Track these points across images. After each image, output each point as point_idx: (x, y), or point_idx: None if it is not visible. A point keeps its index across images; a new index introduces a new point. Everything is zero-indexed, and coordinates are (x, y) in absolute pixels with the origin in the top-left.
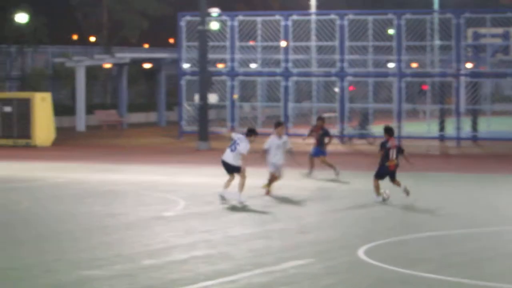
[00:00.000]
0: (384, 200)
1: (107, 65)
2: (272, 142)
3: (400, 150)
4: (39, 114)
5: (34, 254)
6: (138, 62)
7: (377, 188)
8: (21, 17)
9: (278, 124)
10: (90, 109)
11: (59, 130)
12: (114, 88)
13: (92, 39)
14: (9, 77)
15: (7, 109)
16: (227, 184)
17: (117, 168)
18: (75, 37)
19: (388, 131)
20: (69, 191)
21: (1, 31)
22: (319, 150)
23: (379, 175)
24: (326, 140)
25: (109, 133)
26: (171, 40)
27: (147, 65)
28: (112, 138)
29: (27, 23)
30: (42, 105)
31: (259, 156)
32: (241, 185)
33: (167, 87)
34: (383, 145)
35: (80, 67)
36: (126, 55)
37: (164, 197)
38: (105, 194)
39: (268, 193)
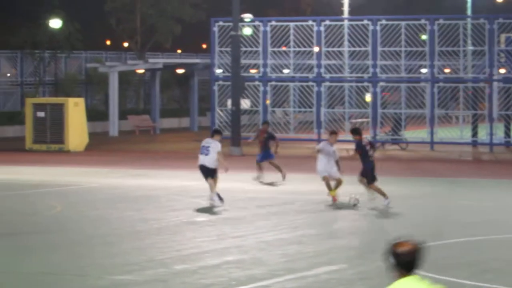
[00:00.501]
0: (354, 205)
1: (140, 71)
2: (324, 147)
3: (373, 146)
4: (72, 119)
5: (67, 259)
6: (171, 68)
7: (379, 190)
8: (55, 23)
9: (332, 132)
10: (123, 115)
11: (92, 135)
12: (146, 93)
13: (125, 44)
14: (43, 82)
15: (41, 114)
16: (212, 187)
17: (149, 173)
18: (108, 42)
19: (356, 131)
20: (102, 196)
21: (35, 36)
22: (265, 154)
23: (371, 177)
24: (272, 143)
25: (141, 138)
26: (204, 46)
27: (179, 71)
28: (145, 143)
29: (61, 29)
30: (75, 110)
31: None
32: (213, 186)
33: (199, 93)
34: (358, 145)
35: (113, 72)
36: (159, 61)
37: (196, 202)
38: (137, 199)
39: (335, 199)
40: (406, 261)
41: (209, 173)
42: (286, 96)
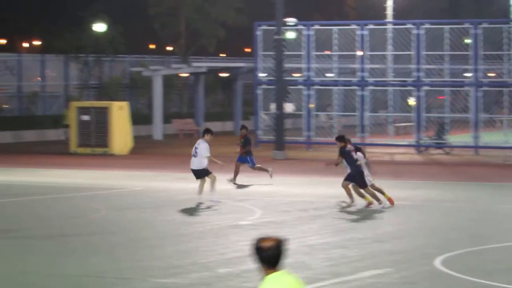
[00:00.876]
0: (343, 208)
1: (184, 74)
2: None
3: (360, 150)
4: (117, 122)
5: (110, 262)
6: (214, 71)
7: (373, 195)
8: (99, 27)
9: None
10: (167, 118)
11: (136, 139)
12: (190, 97)
13: (169, 48)
14: (87, 86)
15: (85, 117)
16: (200, 189)
17: (193, 176)
18: (152, 46)
19: (341, 138)
20: (146, 199)
21: (80, 40)
22: (242, 157)
23: (362, 182)
24: (240, 148)
25: (185, 141)
26: (248, 50)
27: (223, 74)
28: (189, 147)
29: (105, 33)
30: (119, 114)
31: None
32: (212, 186)
33: (243, 96)
34: (342, 151)
35: (157, 76)
36: (202, 65)
37: (240, 205)
38: (181, 202)
39: (392, 202)
40: (269, 256)
41: (199, 174)
42: (330, 100)
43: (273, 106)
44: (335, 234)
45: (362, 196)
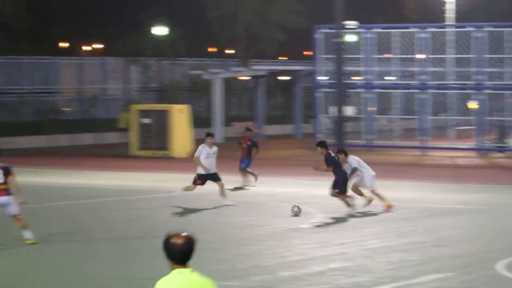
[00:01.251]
0: (296, 215)
1: (244, 77)
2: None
3: (343, 151)
4: (177, 125)
5: None
6: (274, 74)
7: (346, 202)
8: (159, 30)
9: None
10: (226, 121)
11: (196, 142)
12: (250, 100)
13: (229, 51)
14: (148, 89)
15: (146, 121)
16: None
17: (253, 180)
18: (211, 49)
19: (322, 144)
20: (207, 202)
21: (140, 43)
22: (249, 161)
23: (343, 187)
24: (255, 151)
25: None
26: (307, 53)
27: (283, 78)
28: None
29: (165, 36)
30: (180, 117)
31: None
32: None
33: (304, 100)
34: (329, 159)
35: (216, 79)
36: (262, 68)
37: (302, 209)
38: (242, 205)
39: (390, 207)
40: (178, 252)
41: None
42: (390, 104)
43: (332, 109)
44: (395, 237)
45: (361, 194)
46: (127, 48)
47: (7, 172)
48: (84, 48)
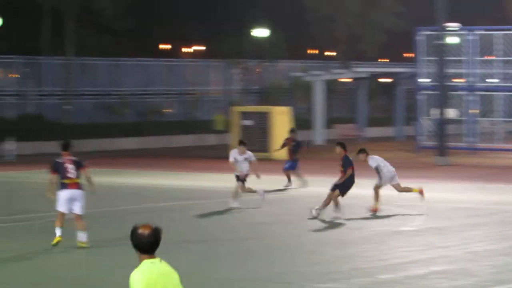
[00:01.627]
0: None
1: (345, 80)
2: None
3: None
4: (278, 127)
5: (269, 266)
6: (375, 77)
7: (338, 203)
8: (260, 32)
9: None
10: (327, 123)
11: None
12: (351, 102)
13: (330, 53)
14: (249, 91)
15: (247, 122)
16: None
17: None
18: (312, 51)
19: (343, 145)
20: (307, 204)
21: (241, 45)
22: (294, 163)
23: (345, 189)
24: (300, 151)
25: (347, 147)
26: (408, 55)
27: (384, 80)
28: (350, 152)
29: (266, 38)
30: (280, 118)
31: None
32: (234, 192)
33: (405, 102)
34: (349, 161)
35: (318, 81)
36: (363, 70)
37: (401, 211)
38: (342, 207)
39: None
40: (145, 242)
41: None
42: (493, 106)
43: (434, 112)
44: (499, 241)
45: (408, 190)
46: (228, 50)
47: (79, 166)
48: (185, 50)
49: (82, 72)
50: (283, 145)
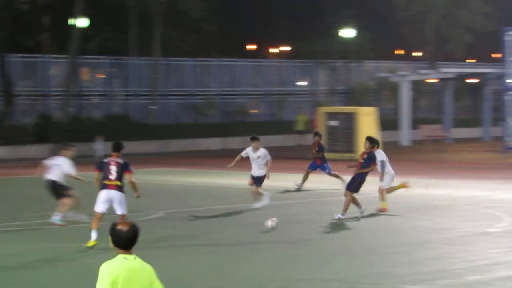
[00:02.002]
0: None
1: (431, 80)
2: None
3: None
4: (364, 128)
5: (362, 266)
6: (462, 77)
7: (356, 202)
8: (348, 33)
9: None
10: (413, 124)
11: (383, 145)
12: (438, 102)
13: (416, 54)
14: (335, 91)
15: (333, 123)
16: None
17: (440, 182)
18: (398, 52)
19: (373, 140)
20: (394, 205)
21: (328, 46)
22: (318, 164)
23: (356, 188)
24: (320, 155)
25: (433, 147)
26: (496, 55)
27: (471, 80)
28: (436, 153)
29: (353, 38)
30: (367, 119)
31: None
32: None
33: (492, 102)
34: (374, 157)
35: (404, 81)
36: (450, 70)
37: (488, 212)
38: (430, 208)
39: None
40: (123, 238)
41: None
42: None
43: None
44: None
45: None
46: (315, 51)
47: (124, 169)
48: (271, 50)
49: (168, 72)
50: (311, 149)
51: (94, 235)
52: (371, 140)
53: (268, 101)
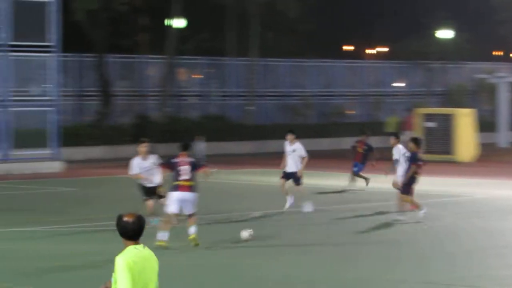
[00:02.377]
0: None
1: None
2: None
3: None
4: (462, 130)
5: (460, 268)
6: None
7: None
8: (445, 33)
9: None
10: (511, 126)
11: (481, 146)
12: None
13: None
14: (432, 92)
15: (431, 124)
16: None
17: None
18: (497, 53)
19: (417, 141)
20: (493, 208)
21: (425, 46)
22: (362, 165)
23: (407, 189)
24: (371, 155)
25: None
26: None
27: None
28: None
29: (450, 39)
30: (464, 121)
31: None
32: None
33: None
34: (417, 158)
35: (502, 83)
36: None
37: None
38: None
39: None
40: (129, 229)
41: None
42: None
43: None
44: None
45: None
46: (412, 51)
47: (195, 167)
48: (368, 51)
49: (265, 73)
50: (353, 148)
51: (165, 236)
52: (416, 141)
53: (365, 102)
